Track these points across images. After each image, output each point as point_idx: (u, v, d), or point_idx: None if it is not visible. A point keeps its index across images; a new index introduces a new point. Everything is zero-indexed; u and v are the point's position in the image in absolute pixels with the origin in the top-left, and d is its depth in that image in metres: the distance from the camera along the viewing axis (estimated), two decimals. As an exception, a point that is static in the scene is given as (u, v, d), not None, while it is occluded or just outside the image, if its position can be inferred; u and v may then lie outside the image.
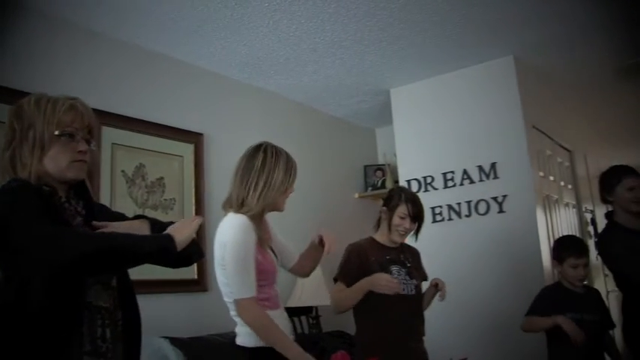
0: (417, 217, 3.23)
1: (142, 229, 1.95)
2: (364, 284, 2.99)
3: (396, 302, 3.10)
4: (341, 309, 3.16)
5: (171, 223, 2.13)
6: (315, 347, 4.16)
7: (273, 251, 2.61)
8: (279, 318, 2.50)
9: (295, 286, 4.40)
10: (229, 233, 2.42)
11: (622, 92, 5.77)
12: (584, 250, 3.38)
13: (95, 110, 3.47)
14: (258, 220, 2.50)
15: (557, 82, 5.32)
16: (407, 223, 3.21)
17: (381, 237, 3.31)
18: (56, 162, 1.80)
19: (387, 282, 2.94)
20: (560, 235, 4.47)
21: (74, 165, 1.84)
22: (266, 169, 2.49)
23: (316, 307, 4.52)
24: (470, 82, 4.87)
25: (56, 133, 1.80)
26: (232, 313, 2.46)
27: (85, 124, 1.88)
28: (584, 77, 5.30)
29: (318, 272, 4.40)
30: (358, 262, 3.15)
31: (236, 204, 2.48)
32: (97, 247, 1.65)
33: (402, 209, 3.20)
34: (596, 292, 3.56)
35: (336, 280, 3.21)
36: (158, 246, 1.80)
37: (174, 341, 3.39)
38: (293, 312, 4.39)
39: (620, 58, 4.90)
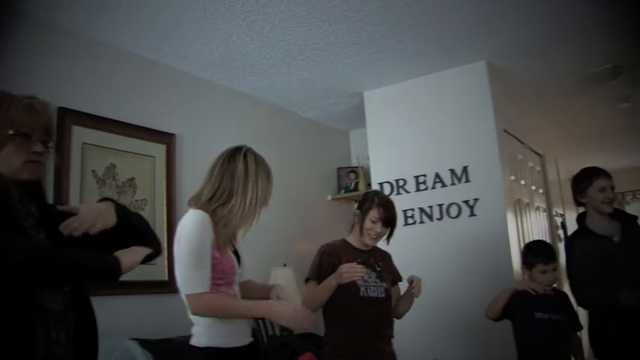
0: (388, 221, 3.24)
1: (107, 210, 1.93)
2: (331, 280, 3.00)
3: (365, 304, 3.13)
4: (312, 308, 3.15)
5: (138, 214, 2.12)
6: (285, 349, 4.16)
7: (238, 254, 2.55)
8: (236, 319, 2.44)
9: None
10: (185, 228, 2.36)
11: (592, 98, 5.85)
12: (552, 256, 3.43)
13: (65, 109, 3.50)
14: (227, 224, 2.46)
15: (529, 88, 5.38)
16: (378, 227, 3.21)
17: (353, 239, 3.32)
18: (9, 162, 1.75)
19: (348, 269, 2.94)
20: (530, 240, 4.52)
21: (28, 166, 1.79)
22: (251, 177, 2.43)
23: (288, 309, 4.50)
24: (442, 86, 4.91)
25: (10, 132, 1.75)
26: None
27: (43, 124, 1.83)
28: (556, 83, 5.36)
29: (289, 274, 4.40)
30: (330, 262, 3.15)
31: (205, 202, 2.42)
32: (40, 258, 1.63)
33: (374, 213, 3.21)
34: (565, 295, 3.60)
35: (307, 280, 3.22)
36: (103, 266, 1.79)
37: (144, 343, 3.36)
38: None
39: (590, 65, 4.96)
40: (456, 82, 4.84)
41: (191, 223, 2.36)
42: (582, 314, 4.04)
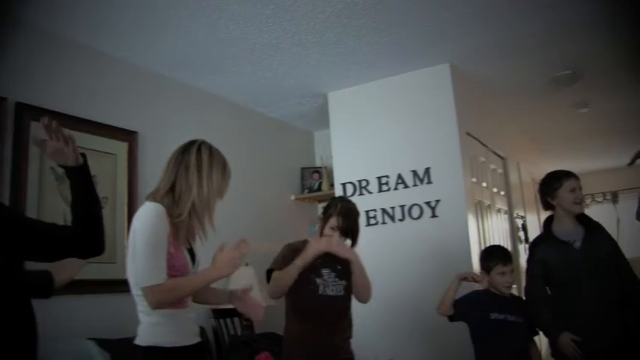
0: (347, 231, 3.23)
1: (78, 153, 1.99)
2: (298, 260, 3.02)
3: (324, 302, 3.13)
4: (277, 291, 3.14)
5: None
6: (246, 348, 4.15)
7: (193, 254, 2.48)
8: (183, 318, 2.39)
9: (228, 287, 4.37)
10: (141, 219, 2.30)
11: (553, 103, 5.96)
12: (509, 258, 3.50)
13: (26, 105, 3.44)
14: (185, 220, 2.41)
15: (492, 91, 5.46)
16: (336, 236, 3.21)
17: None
18: None
19: (322, 239, 3.00)
20: (489, 243, 4.60)
21: None
22: (205, 170, 2.39)
23: (249, 309, 4.49)
24: (406, 88, 4.95)
25: None
26: (139, 308, 2.34)
27: None
28: (518, 86, 5.45)
29: (251, 274, 4.39)
30: (292, 257, 3.14)
31: (162, 196, 2.36)
32: None
33: (333, 221, 3.19)
34: (521, 300, 3.67)
35: (270, 270, 3.20)
36: (36, 283, 1.79)
37: (102, 343, 3.33)
38: (227, 313, 4.37)
39: (551, 69, 5.05)
40: (420, 85, 4.88)
41: (146, 214, 2.30)
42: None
